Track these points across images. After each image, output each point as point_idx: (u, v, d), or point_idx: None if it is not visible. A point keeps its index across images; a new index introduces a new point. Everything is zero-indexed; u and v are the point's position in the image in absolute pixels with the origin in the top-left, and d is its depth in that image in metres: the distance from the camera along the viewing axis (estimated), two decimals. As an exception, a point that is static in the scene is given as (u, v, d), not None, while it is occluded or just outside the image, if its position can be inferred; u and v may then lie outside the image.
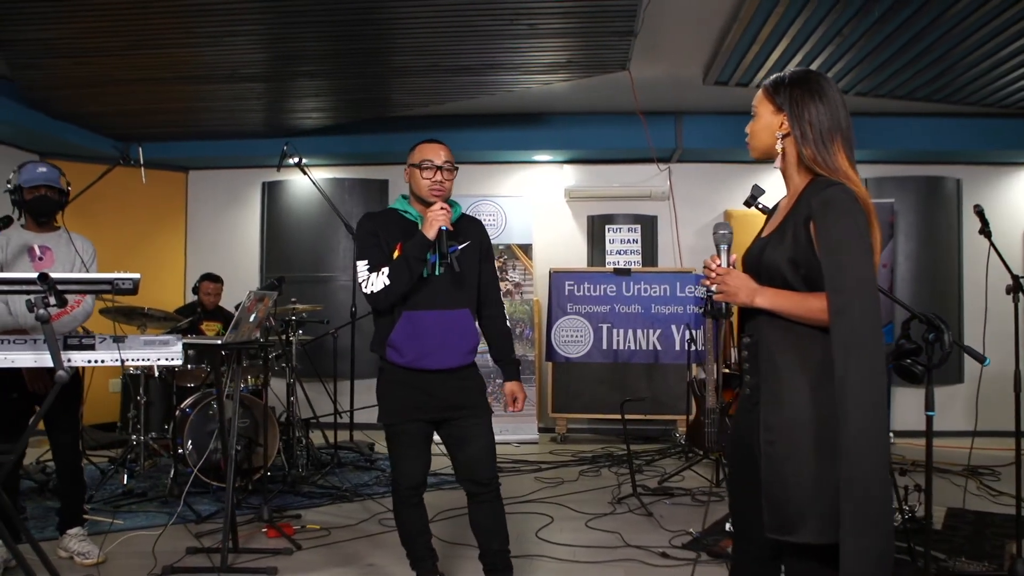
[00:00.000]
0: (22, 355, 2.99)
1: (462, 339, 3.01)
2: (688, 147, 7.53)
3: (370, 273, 2.94)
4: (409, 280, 2.89)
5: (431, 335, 2.95)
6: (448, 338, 2.97)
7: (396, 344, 2.96)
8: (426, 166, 2.97)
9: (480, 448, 2.99)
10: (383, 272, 2.90)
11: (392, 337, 2.96)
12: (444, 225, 2.88)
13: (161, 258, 8.19)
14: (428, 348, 2.94)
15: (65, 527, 3.85)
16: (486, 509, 3.03)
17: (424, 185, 2.98)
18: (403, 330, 2.95)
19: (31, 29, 4.84)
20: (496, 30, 4.93)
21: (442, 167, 2.99)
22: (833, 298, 1.87)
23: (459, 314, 3.01)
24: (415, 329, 2.94)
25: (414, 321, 2.95)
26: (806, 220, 1.96)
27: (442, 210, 2.89)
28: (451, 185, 3.05)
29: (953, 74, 5.83)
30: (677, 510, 4.88)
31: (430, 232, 2.88)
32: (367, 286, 2.93)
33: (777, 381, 1.98)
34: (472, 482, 3.01)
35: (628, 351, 7.31)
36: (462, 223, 3.12)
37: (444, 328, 2.96)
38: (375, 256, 2.97)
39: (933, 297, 7.56)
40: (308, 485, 5.29)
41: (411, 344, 2.94)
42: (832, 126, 2.01)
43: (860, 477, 1.82)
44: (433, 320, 2.95)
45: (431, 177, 2.97)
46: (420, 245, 2.88)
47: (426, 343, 2.94)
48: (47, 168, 3.80)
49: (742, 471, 2.15)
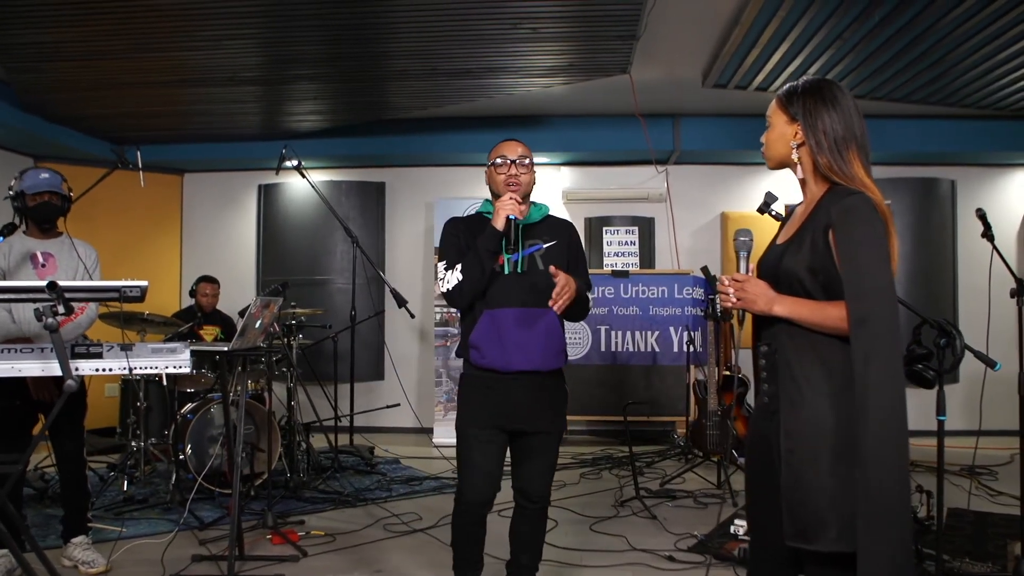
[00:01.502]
0: (29, 364, 2.98)
1: (546, 340, 2.88)
2: (686, 149, 7.55)
3: (447, 271, 2.90)
4: (482, 274, 2.82)
5: (512, 333, 2.84)
6: (531, 337, 2.85)
7: (477, 344, 2.87)
8: (500, 162, 2.94)
9: (541, 465, 2.95)
10: (457, 268, 2.86)
11: (473, 337, 2.88)
12: (513, 214, 2.81)
13: (157, 261, 8.15)
14: (510, 347, 2.83)
15: (69, 536, 3.82)
16: (529, 523, 3.01)
17: (500, 180, 2.93)
18: (484, 328, 2.86)
19: (28, 33, 4.82)
20: (498, 34, 4.94)
21: (516, 161, 2.93)
22: (853, 307, 1.88)
23: (542, 312, 2.86)
24: (496, 328, 2.84)
25: (495, 319, 2.85)
26: (825, 228, 1.96)
27: (510, 200, 2.82)
28: (528, 180, 2.96)
29: (950, 77, 5.86)
30: (680, 512, 4.89)
31: (498, 222, 2.81)
32: (443, 284, 2.88)
33: (796, 389, 1.98)
34: (524, 496, 2.98)
35: (626, 353, 7.32)
36: (549, 222, 3.04)
37: (527, 326, 2.85)
38: (452, 255, 2.92)
39: (928, 298, 7.58)
40: (310, 490, 5.28)
41: (492, 343, 2.84)
42: (847, 134, 2.02)
43: (879, 484, 1.82)
44: (515, 318, 2.85)
45: (506, 172, 2.92)
46: (490, 236, 2.82)
47: (508, 342, 2.83)
48: (50, 174, 3.78)
49: (760, 478, 2.15)
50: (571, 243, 3.05)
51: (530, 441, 2.93)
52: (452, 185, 7.77)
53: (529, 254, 2.89)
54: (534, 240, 2.91)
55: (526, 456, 2.95)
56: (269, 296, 3.85)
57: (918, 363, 2.73)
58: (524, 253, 2.87)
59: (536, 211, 3.02)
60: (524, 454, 2.96)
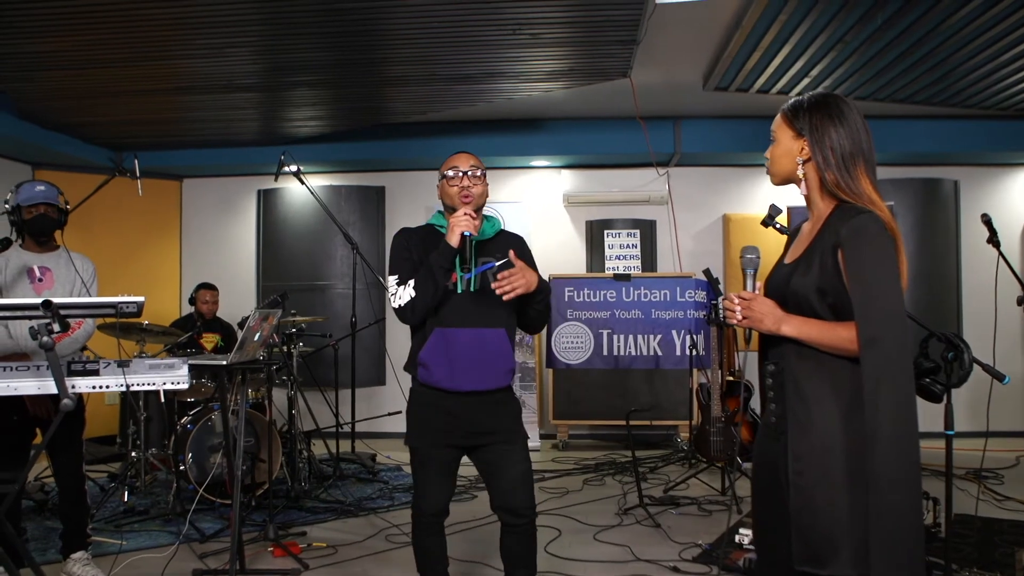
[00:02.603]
0: (25, 382, 2.93)
1: (496, 360, 2.87)
2: (687, 151, 7.51)
3: (399, 287, 2.85)
4: (435, 291, 2.79)
5: (463, 354, 2.82)
6: (482, 358, 2.84)
7: (426, 362, 2.84)
8: (452, 174, 2.91)
9: (516, 476, 2.89)
10: (410, 284, 2.82)
11: (423, 355, 2.85)
12: (467, 231, 2.77)
13: (156, 268, 8.11)
14: (460, 367, 2.82)
15: (69, 551, 3.79)
16: (519, 540, 2.94)
17: (453, 192, 2.89)
18: (434, 347, 2.83)
19: (22, 42, 4.78)
20: (497, 40, 4.90)
21: (468, 173, 2.89)
22: (863, 328, 1.84)
23: (494, 333, 2.86)
24: (447, 347, 2.82)
25: (446, 338, 2.83)
26: (833, 248, 1.93)
27: (465, 216, 2.80)
28: (481, 191, 2.92)
29: (954, 78, 5.82)
30: (684, 520, 4.86)
31: (452, 238, 2.78)
32: (395, 300, 2.84)
33: (805, 410, 1.95)
34: (508, 512, 2.90)
35: (629, 357, 7.28)
36: (502, 238, 3.01)
37: (478, 347, 2.83)
38: (404, 269, 2.88)
39: (931, 299, 7.55)
40: (311, 500, 5.25)
41: (442, 362, 2.82)
42: (854, 150, 1.98)
43: (890, 510, 1.79)
44: (466, 338, 2.83)
45: (459, 183, 2.89)
46: (444, 253, 2.79)
47: (458, 362, 2.82)
48: (45, 187, 3.74)
49: (768, 500, 2.11)
50: (525, 258, 3.00)
51: (493, 454, 2.89)
52: None
53: (481, 272, 2.85)
54: (487, 258, 2.87)
55: (496, 471, 2.90)
56: (268, 308, 3.82)
57: (926, 377, 2.69)
58: (477, 271, 2.82)
59: (489, 226, 3.00)
60: (493, 469, 2.91)
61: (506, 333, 2.90)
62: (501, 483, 2.90)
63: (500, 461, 2.89)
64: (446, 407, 2.85)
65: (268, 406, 5.16)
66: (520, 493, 2.89)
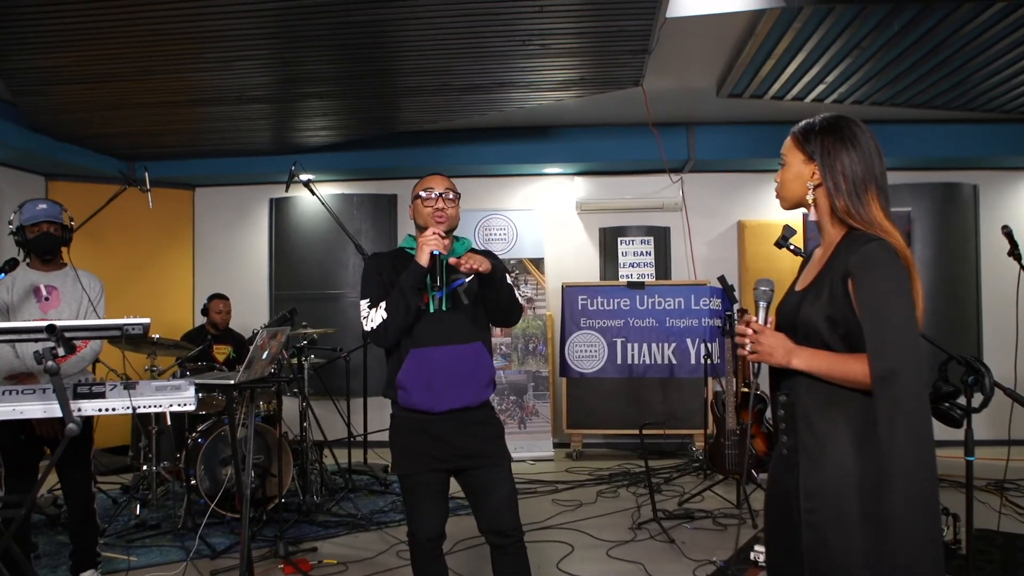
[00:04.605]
0: (31, 406, 2.92)
1: (475, 375, 2.85)
2: (701, 157, 7.44)
3: (370, 309, 2.84)
4: (406, 312, 2.77)
5: (441, 373, 2.80)
6: (460, 375, 2.82)
7: (404, 384, 2.81)
8: (427, 196, 2.90)
9: (502, 498, 2.86)
10: (381, 307, 2.79)
11: (400, 377, 2.82)
12: (437, 250, 2.77)
13: (169, 276, 8.12)
14: (439, 387, 2.79)
15: (78, 570, 3.77)
16: (511, 561, 2.90)
17: (426, 213, 2.89)
18: (411, 368, 2.80)
19: (35, 58, 4.79)
20: (508, 51, 4.86)
21: (443, 194, 2.89)
22: (875, 362, 1.78)
23: (471, 348, 2.85)
24: (424, 367, 2.80)
25: (422, 359, 2.80)
26: (844, 277, 1.87)
27: (434, 235, 2.79)
28: (454, 214, 2.94)
29: (972, 83, 5.73)
30: (699, 535, 4.79)
31: (422, 258, 2.76)
32: (367, 323, 2.82)
33: (817, 445, 1.89)
34: (496, 533, 2.87)
35: (643, 365, 7.21)
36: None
37: (455, 364, 2.81)
38: (375, 292, 2.86)
39: (951, 305, 7.46)
40: (323, 514, 5.21)
41: (421, 384, 2.80)
42: (866, 176, 1.92)
43: (906, 551, 1.73)
44: (443, 356, 2.80)
45: (433, 204, 2.88)
46: (414, 273, 2.77)
47: (436, 381, 2.79)
48: (47, 204, 3.73)
49: (779, 531, 2.06)
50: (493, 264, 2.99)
51: (480, 476, 2.86)
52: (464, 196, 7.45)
53: (452, 289, 2.82)
54: (457, 275, 2.83)
55: (483, 493, 2.87)
56: (276, 326, 3.78)
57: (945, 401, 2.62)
58: (448, 289, 2.80)
59: (460, 246, 2.98)
60: (480, 491, 2.88)
61: (483, 346, 2.90)
62: (488, 506, 2.87)
63: (486, 484, 2.86)
64: (431, 431, 2.83)
65: (278, 425, 5.12)
66: (506, 515, 2.87)
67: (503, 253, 7.42)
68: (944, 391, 2.62)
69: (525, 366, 7.36)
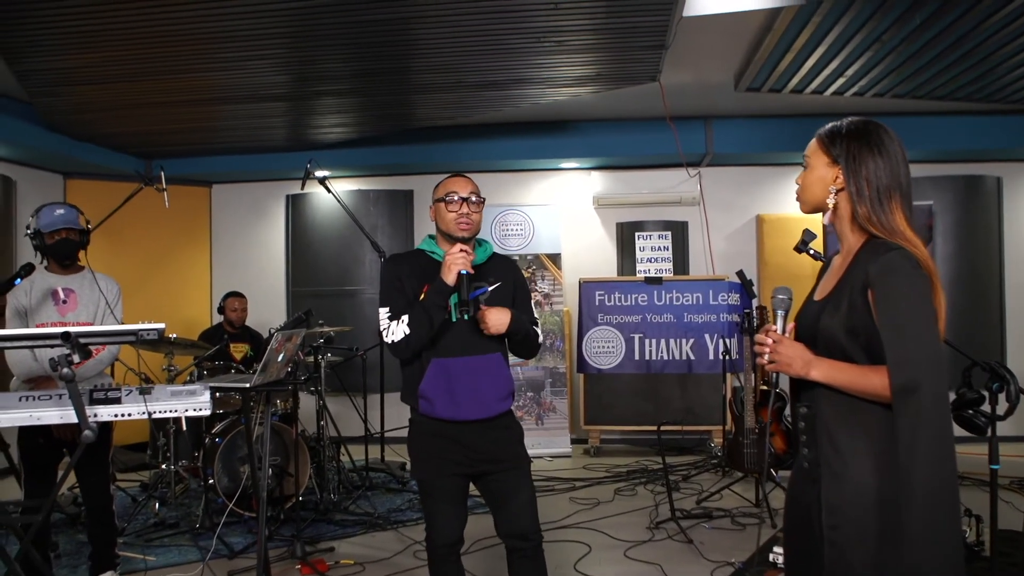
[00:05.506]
0: (48, 412, 2.92)
1: (495, 386, 2.83)
2: (719, 151, 7.36)
3: (391, 321, 2.80)
4: (430, 329, 2.74)
5: (463, 383, 2.79)
6: (480, 385, 2.80)
7: (427, 394, 2.79)
8: (451, 199, 2.82)
9: (522, 503, 2.84)
10: (403, 320, 2.75)
11: (423, 387, 2.79)
12: (464, 269, 2.71)
13: (186, 273, 8.15)
14: (460, 397, 2.77)
15: (97, 571, 3.79)
16: (529, 564, 2.87)
17: (450, 219, 2.82)
18: (434, 378, 2.78)
19: (50, 59, 4.80)
20: (523, 47, 4.82)
21: (468, 199, 2.82)
22: (895, 375, 1.73)
23: (491, 359, 2.83)
24: (446, 377, 2.78)
25: (445, 368, 2.79)
26: (863, 287, 1.82)
27: (461, 252, 2.72)
28: (479, 219, 2.87)
29: (996, 75, 5.63)
30: (717, 535, 4.75)
31: (449, 278, 2.71)
32: (388, 335, 2.79)
33: (838, 459, 1.85)
34: (515, 538, 2.85)
35: (661, 361, 7.17)
36: (493, 262, 2.97)
37: (476, 375, 2.79)
38: (397, 302, 2.82)
39: (973, 299, 7.37)
40: (340, 512, 5.22)
41: (443, 394, 2.78)
42: (891, 183, 1.86)
43: (927, 568, 1.69)
44: (464, 367, 2.78)
45: (457, 210, 2.81)
46: (440, 292, 2.73)
47: (458, 392, 2.77)
48: (65, 210, 3.73)
49: (800, 548, 2.02)
50: (517, 282, 2.97)
51: (500, 481, 2.84)
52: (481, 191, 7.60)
53: (474, 298, 2.78)
54: (479, 283, 2.81)
55: (503, 497, 2.85)
56: (291, 328, 3.78)
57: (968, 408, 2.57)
58: (470, 297, 2.75)
59: (481, 252, 2.93)
60: (500, 496, 2.85)
61: (501, 357, 2.88)
62: (508, 511, 2.85)
63: (506, 489, 2.84)
64: (450, 435, 2.81)
65: (295, 425, 5.12)
66: (526, 518, 2.84)
67: (520, 248, 7.39)
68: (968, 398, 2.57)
69: (542, 362, 7.33)
